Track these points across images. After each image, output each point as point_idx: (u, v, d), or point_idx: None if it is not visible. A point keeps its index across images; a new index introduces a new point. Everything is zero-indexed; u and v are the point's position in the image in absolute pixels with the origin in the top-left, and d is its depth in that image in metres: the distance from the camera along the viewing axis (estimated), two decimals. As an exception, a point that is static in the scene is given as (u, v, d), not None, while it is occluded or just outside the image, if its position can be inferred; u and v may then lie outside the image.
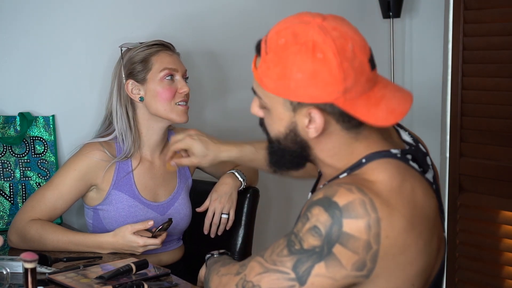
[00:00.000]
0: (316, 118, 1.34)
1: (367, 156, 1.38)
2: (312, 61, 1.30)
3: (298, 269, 1.32)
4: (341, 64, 1.30)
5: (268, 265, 1.37)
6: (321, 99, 1.32)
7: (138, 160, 2.15)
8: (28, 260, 1.41)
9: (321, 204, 1.31)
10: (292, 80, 1.32)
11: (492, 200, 2.82)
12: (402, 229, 1.31)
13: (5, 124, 2.25)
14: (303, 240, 1.32)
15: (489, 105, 2.83)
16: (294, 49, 1.31)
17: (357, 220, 1.28)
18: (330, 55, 1.30)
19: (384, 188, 1.32)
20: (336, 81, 1.30)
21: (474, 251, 2.91)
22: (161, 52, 2.12)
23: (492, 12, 2.80)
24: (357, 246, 1.29)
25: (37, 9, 2.30)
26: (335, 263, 1.30)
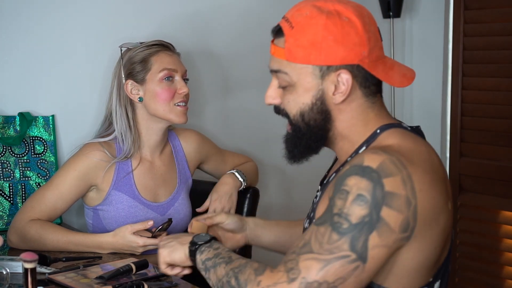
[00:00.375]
0: (345, 79, 1.42)
1: (381, 127, 1.46)
2: (340, 24, 1.41)
3: (356, 247, 1.32)
4: (364, 27, 1.42)
5: (325, 256, 1.33)
6: (349, 60, 1.41)
7: (138, 160, 2.15)
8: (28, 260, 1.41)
9: (355, 173, 1.34)
10: (323, 44, 1.41)
11: (492, 200, 2.82)
12: (429, 184, 1.36)
13: (5, 124, 2.25)
14: (349, 215, 1.32)
15: (489, 105, 2.83)
16: (321, 17, 1.41)
17: (394, 177, 1.32)
18: (354, 19, 1.42)
19: (403, 148, 1.39)
20: (362, 42, 1.42)
21: (474, 251, 2.91)
22: (161, 52, 2.12)
23: (492, 12, 2.80)
24: (400, 204, 1.32)
25: (37, 9, 2.30)
26: (385, 228, 1.32)
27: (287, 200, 2.94)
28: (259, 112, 2.77)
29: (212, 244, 1.53)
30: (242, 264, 1.44)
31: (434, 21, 3.07)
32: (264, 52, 2.74)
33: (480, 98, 2.86)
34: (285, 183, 2.91)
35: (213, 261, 1.49)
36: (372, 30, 1.44)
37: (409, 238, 1.35)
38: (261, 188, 2.42)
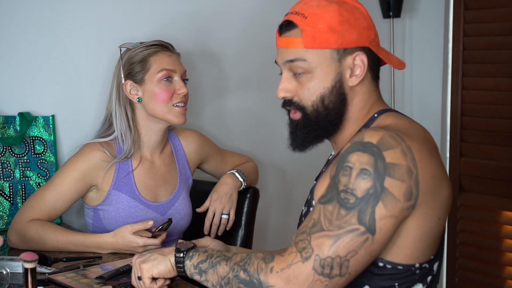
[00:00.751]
0: (361, 60, 1.53)
1: (378, 112, 1.56)
2: (351, 10, 1.53)
3: (364, 220, 1.37)
4: (368, 13, 1.56)
5: (336, 232, 1.37)
6: (361, 42, 1.53)
7: (138, 160, 2.15)
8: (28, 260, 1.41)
9: (356, 150, 1.40)
10: (339, 28, 1.51)
11: (492, 200, 2.82)
12: (428, 155, 1.44)
13: (5, 124, 2.25)
14: (355, 190, 1.38)
15: (489, 105, 2.83)
16: (333, 5, 1.52)
17: (393, 149, 1.39)
18: (359, 6, 1.56)
19: (399, 126, 1.48)
20: (369, 26, 1.55)
21: (474, 251, 2.91)
22: (160, 52, 2.12)
23: (492, 12, 2.80)
24: (402, 173, 1.38)
25: (37, 9, 2.30)
26: (390, 198, 1.37)
27: (287, 200, 2.94)
28: (259, 112, 2.77)
29: (198, 249, 1.56)
30: (245, 258, 1.46)
31: (434, 21, 3.07)
32: (264, 52, 2.75)
33: (480, 98, 2.86)
34: (285, 183, 2.91)
35: (208, 262, 1.50)
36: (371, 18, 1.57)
37: (413, 206, 1.40)
38: (261, 188, 2.42)
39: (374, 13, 3.06)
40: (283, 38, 1.56)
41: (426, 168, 1.42)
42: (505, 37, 2.75)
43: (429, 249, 1.49)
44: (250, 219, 2.31)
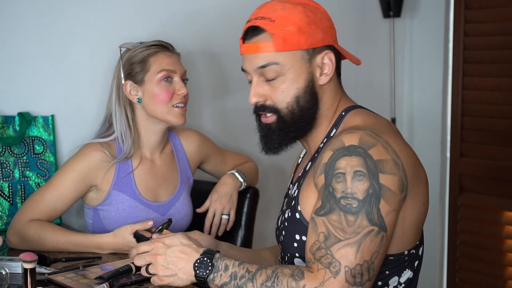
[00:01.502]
0: (331, 58, 1.57)
1: (345, 110, 1.60)
2: (313, 11, 1.56)
3: (374, 220, 1.39)
4: (326, 14, 1.60)
5: (355, 238, 1.39)
6: (326, 41, 1.56)
7: (139, 160, 2.14)
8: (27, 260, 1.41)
9: (342, 155, 1.43)
10: (307, 29, 1.54)
11: (492, 200, 2.82)
12: (402, 144, 1.49)
13: (4, 124, 2.25)
14: (355, 193, 1.40)
15: (489, 105, 2.83)
16: (298, 7, 1.55)
17: (375, 146, 1.43)
18: (318, 6, 1.59)
19: (368, 123, 1.51)
20: (331, 25, 1.60)
21: (474, 251, 2.91)
22: (160, 53, 2.11)
23: (493, 12, 2.80)
24: (390, 167, 1.42)
25: (37, 9, 2.30)
26: (388, 193, 1.41)
27: (287, 200, 2.93)
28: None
29: (218, 266, 1.49)
30: (270, 275, 1.43)
31: (435, 20, 3.07)
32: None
33: (481, 98, 2.86)
34: (285, 183, 2.91)
35: (233, 284, 1.47)
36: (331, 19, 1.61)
37: (405, 197, 1.45)
38: (261, 188, 2.42)
39: (374, 13, 3.06)
40: (250, 44, 1.56)
41: (407, 157, 1.46)
42: (506, 37, 2.75)
43: (416, 235, 1.52)
44: (250, 219, 2.31)
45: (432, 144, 3.11)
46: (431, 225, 3.04)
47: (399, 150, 1.45)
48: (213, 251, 1.52)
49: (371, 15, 3.07)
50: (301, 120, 1.57)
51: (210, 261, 1.50)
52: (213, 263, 1.49)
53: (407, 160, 1.45)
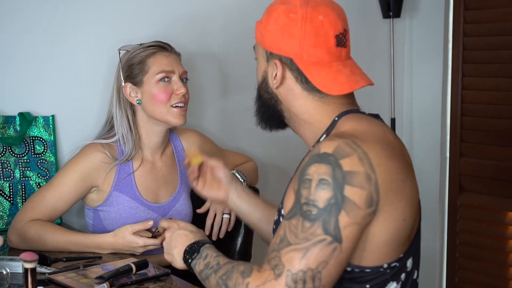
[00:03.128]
0: (278, 68, 1.53)
1: (339, 115, 1.54)
2: (286, 17, 1.52)
3: (329, 230, 1.36)
4: (304, 26, 1.50)
5: (304, 244, 1.37)
6: (284, 51, 1.52)
7: (140, 161, 2.15)
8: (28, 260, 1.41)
9: (313, 162, 1.40)
10: (269, 31, 1.54)
11: (492, 200, 2.81)
12: (386, 158, 1.43)
13: (5, 124, 2.25)
14: (316, 201, 1.37)
15: (489, 105, 2.83)
16: (279, 9, 1.53)
17: (349, 157, 1.39)
18: (299, 17, 1.51)
19: (356, 131, 1.46)
20: (296, 38, 1.50)
21: (474, 251, 2.91)
22: (157, 53, 2.11)
23: (492, 12, 2.80)
24: (360, 181, 1.38)
25: (37, 9, 2.30)
26: (351, 206, 1.37)
27: (287, 200, 2.93)
28: (259, 112, 2.77)
29: (201, 254, 1.57)
30: (229, 270, 1.48)
31: (434, 21, 3.07)
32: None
33: (480, 98, 2.86)
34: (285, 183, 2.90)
35: (205, 273, 1.53)
36: (319, 33, 1.50)
37: (375, 212, 1.40)
38: (261, 188, 2.42)
39: (374, 13, 3.06)
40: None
41: (385, 171, 1.41)
42: (505, 37, 2.75)
43: (396, 250, 1.48)
44: (250, 219, 2.30)
45: (431, 144, 3.11)
46: (430, 225, 3.04)
47: (377, 163, 1.40)
48: (206, 241, 1.60)
49: (370, 16, 3.07)
50: (267, 111, 1.60)
51: (197, 248, 1.58)
52: (199, 251, 1.58)
53: (384, 175, 1.41)
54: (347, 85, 1.51)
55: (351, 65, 1.56)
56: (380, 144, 1.45)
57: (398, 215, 1.44)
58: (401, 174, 1.45)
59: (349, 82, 1.51)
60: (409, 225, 1.48)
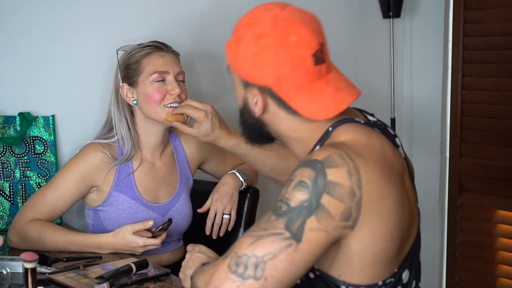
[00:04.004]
0: (257, 98, 1.47)
1: (333, 125, 1.47)
2: (256, 45, 1.43)
3: (291, 227, 1.33)
4: (277, 53, 1.41)
5: (259, 233, 1.35)
6: (260, 81, 1.45)
7: (139, 161, 2.15)
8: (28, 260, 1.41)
9: (301, 166, 1.37)
10: (240, 58, 1.47)
11: (492, 200, 2.82)
12: (379, 176, 1.38)
13: (5, 124, 2.25)
14: (289, 200, 1.34)
15: (489, 105, 2.83)
16: (248, 33, 1.45)
17: (338, 168, 1.34)
18: (270, 42, 1.41)
19: (354, 144, 1.41)
20: (271, 66, 1.42)
21: (474, 251, 2.91)
22: (153, 54, 2.11)
23: (492, 12, 2.80)
24: (342, 194, 1.33)
25: (37, 9, 2.30)
26: (325, 214, 1.33)
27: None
28: (259, 112, 2.77)
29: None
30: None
31: (434, 21, 3.07)
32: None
33: (480, 98, 2.86)
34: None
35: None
36: (294, 56, 1.41)
37: (352, 227, 1.36)
38: (261, 188, 2.42)
39: (374, 14, 3.06)
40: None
41: (373, 191, 1.36)
42: (505, 37, 2.75)
43: (388, 266, 1.45)
44: (250, 219, 2.31)
45: (431, 144, 3.11)
46: (430, 225, 3.05)
47: (367, 181, 1.35)
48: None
49: (370, 16, 3.07)
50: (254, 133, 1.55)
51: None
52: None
53: (371, 194, 1.35)
54: (333, 107, 1.43)
55: (335, 79, 1.46)
56: (376, 160, 1.40)
57: (383, 235, 1.39)
58: (391, 195, 1.39)
59: (335, 103, 1.44)
60: (397, 243, 1.43)
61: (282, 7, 1.45)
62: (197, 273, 1.51)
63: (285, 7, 1.45)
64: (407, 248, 1.49)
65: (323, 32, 1.47)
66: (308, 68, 1.42)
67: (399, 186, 1.43)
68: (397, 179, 1.43)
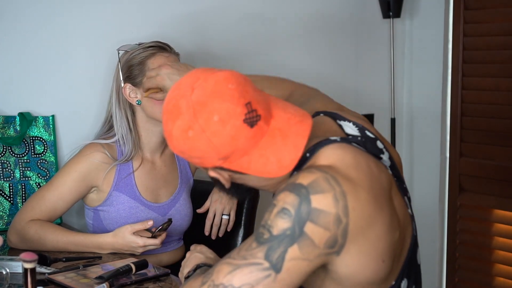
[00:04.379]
0: (218, 176, 1.42)
1: (309, 150, 1.41)
2: (185, 139, 1.35)
3: (271, 257, 1.30)
4: (209, 138, 1.33)
5: (238, 261, 1.32)
6: (209, 165, 1.38)
7: (139, 161, 2.15)
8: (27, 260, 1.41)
9: (285, 189, 1.33)
10: (181, 152, 1.39)
11: (492, 200, 2.82)
12: (366, 201, 1.34)
13: (5, 124, 2.25)
14: (271, 227, 1.31)
15: (489, 105, 2.83)
16: (173, 129, 1.37)
17: (324, 194, 1.30)
18: (197, 132, 1.34)
19: (340, 166, 1.35)
20: (210, 153, 1.35)
21: (474, 251, 2.91)
22: (157, 54, 2.10)
23: (492, 12, 2.80)
24: (327, 222, 1.30)
25: (37, 9, 2.30)
26: (308, 243, 1.30)
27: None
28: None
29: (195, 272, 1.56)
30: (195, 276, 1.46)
31: (434, 21, 3.07)
32: (265, 53, 2.75)
33: (480, 98, 2.86)
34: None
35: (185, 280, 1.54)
36: (226, 133, 1.32)
37: (338, 253, 1.33)
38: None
39: (374, 14, 3.06)
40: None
41: (361, 216, 1.32)
42: (505, 37, 2.75)
43: (384, 283, 1.42)
44: (250, 219, 2.31)
45: (431, 144, 3.11)
46: (430, 225, 3.04)
47: (354, 207, 1.31)
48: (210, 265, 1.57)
49: (370, 16, 3.07)
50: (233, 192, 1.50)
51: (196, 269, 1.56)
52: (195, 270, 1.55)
53: (359, 220, 1.32)
54: (288, 159, 1.34)
55: (279, 126, 1.36)
56: (363, 183, 1.35)
57: (374, 258, 1.37)
58: (380, 220, 1.36)
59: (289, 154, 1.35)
60: (389, 264, 1.40)
61: (191, 89, 1.36)
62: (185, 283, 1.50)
63: (194, 88, 1.35)
64: (403, 259, 1.47)
65: (244, 87, 1.36)
66: (246, 134, 1.33)
67: (388, 206, 1.39)
68: (385, 198, 1.40)
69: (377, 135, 1.53)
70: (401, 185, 1.52)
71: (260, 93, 1.38)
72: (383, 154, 1.50)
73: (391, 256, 1.40)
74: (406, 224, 1.48)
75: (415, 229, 1.52)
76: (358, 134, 1.50)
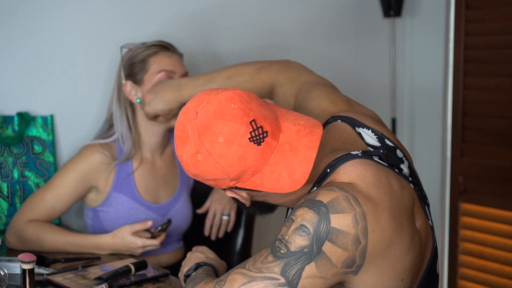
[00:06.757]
0: (236, 195, 1.41)
1: (329, 165, 1.39)
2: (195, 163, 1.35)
3: (288, 273, 1.29)
4: (217, 161, 1.33)
5: (253, 273, 1.32)
6: (224, 186, 1.38)
7: (139, 161, 2.14)
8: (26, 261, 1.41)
9: (304, 205, 1.31)
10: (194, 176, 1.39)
11: (493, 200, 2.81)
12: (387, 222, 1.32)
13: (3, 124, 2.24)
14: (289, 243, 1.30)
15: (490, 105, 2.82)
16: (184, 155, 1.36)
17: (344, 214, 1.29)
18: (205, 155, 1.33)
19: (361, 185, 1.34)
20: (220, 175, 1.34)
21: (475, 251, 2.90)
22: (160, 53, 2.10)
23: (494, 11, 2.79)
24: (346, 242, 1.29)
25: (37, 8, 2.29)
26: (325, 262, 1.29)
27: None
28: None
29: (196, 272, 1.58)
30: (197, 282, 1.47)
31: (435, 20, 3.06)
32: (267, 52, 2.74)
33: (482, 98, 2.85)
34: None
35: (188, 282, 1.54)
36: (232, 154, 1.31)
37: (356, 273, 1.32)
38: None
39: (375, 12, 3.05)
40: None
41: (380, 237, 1.31)
42: (507, 36, 2.74)
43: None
44: (250, 220, 2.30)
45: (432, 143, 3.11)
46: (432, 225, 3.04)
47: (373, 228, 1.30)
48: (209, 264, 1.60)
49: (371, 15, 3.06)
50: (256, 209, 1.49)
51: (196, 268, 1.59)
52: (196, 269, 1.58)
53: (378, 241, 1.31)
54: (300, 173, 1.32)
55: (288, 140, 1.34)
56: (384, 204, 1.33)
57: (393, 277, 1.36)
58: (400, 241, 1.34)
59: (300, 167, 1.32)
60: (409, 281, 1.39)
61: (195, 113, 1.35)
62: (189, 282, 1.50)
63: (197, 112, 1.34)
64: (422, 272, 1.46)
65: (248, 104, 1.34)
66: (254, 152, 1.32)
67: (409, 226, 1.38)
68: (406, 217, 1.38)
69: (395, 142, 1.51)
70: (421, 193, 1.50)
71: (267, 108, 1.37)
72: (403, 163, 1.48)
73: (410, 274, 1.40)
74: (427, 238, 1.46)
75: (435, 240, 1.50)
76: (378, 144, 1.48)
